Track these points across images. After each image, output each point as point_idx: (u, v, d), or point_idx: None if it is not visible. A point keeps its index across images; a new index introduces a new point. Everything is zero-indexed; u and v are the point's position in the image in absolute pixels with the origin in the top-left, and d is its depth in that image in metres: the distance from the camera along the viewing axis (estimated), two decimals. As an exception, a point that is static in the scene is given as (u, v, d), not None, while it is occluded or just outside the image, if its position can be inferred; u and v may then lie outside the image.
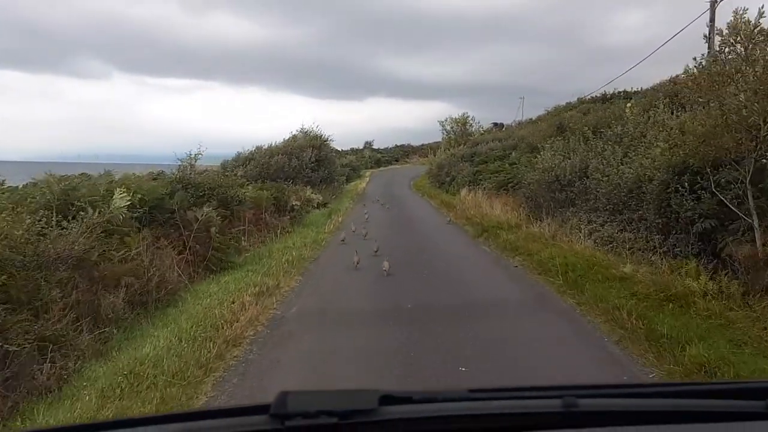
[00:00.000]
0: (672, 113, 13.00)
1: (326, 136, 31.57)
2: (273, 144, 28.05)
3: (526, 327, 7.06)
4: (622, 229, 10.64)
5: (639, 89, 40.01)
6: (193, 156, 11.75)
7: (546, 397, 1.14)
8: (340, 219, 18.50)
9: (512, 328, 6.96)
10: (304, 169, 27.63)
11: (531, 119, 52.78)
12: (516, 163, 25.88)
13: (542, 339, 6.47)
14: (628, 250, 9.77)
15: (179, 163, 11.79)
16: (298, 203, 18.58)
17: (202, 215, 9.48)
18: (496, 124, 64.88)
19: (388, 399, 1.05)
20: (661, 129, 12.02)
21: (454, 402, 1.09)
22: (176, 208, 9.47)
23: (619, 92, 45.07)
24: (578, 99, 46.47)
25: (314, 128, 31.03)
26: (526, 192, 16.38)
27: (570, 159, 14.32)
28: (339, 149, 64.75)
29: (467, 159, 36.40)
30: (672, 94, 14.31)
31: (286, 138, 29.13)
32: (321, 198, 21.60)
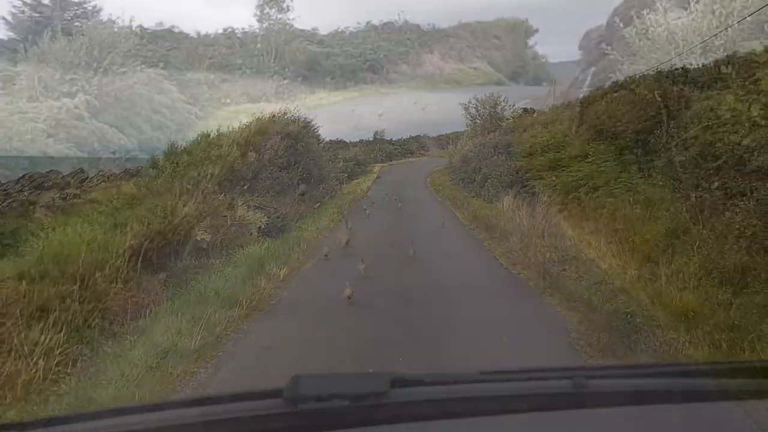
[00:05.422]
0: None
1: (307, 120, 22.57)
2: (219, 130, 18.94)
3: None
4: None
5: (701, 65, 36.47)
6: None
7: (556, 378, 1.16)
8: (282, 273, 8.84)
9: None
10: (269, 166, 18.63)
11: (569, 102, 45.37)
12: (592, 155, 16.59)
13: None
14: None
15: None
16: (207, 237, 9.39)
17: None
18: (526, 110, 56.67)
19: (399, 382, 1.05)
20: None
21: (464, 384, 1.13)
22: None
23: (675, 69, 40.23)
24: (628, 78, 39.19)
25: (289, 110, 21.98)
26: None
27: None
28: (347, 141, 56.52)
29: (502, 150, 27.63)
30: None
31: (244, 123, 19.98)
32: (265, 220, 12.01)
